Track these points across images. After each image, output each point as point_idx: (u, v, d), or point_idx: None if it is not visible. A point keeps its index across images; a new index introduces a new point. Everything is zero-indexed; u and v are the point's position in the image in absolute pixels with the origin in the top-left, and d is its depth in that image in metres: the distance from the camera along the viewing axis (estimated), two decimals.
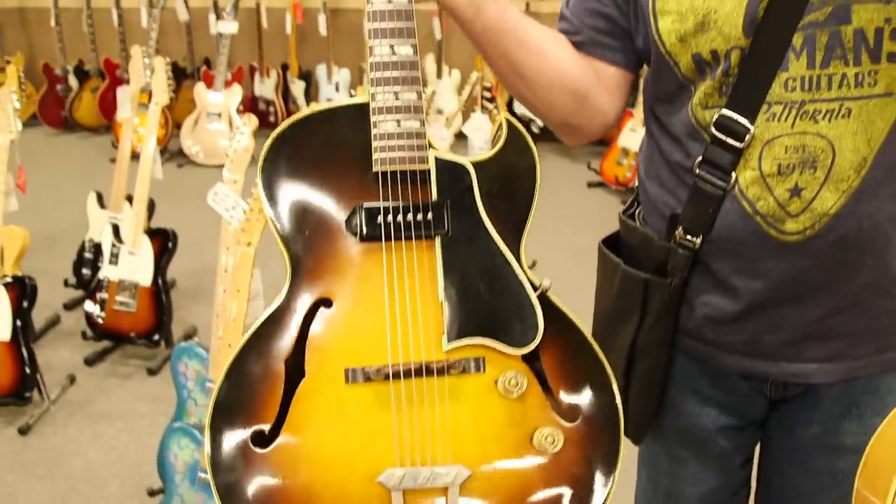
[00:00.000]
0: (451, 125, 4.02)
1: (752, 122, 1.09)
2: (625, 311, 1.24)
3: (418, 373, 1.06)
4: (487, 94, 5.30)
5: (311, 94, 6.10)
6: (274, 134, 1.11)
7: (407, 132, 1.07)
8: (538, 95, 1.23)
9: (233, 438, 1.06)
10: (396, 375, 1.06)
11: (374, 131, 1.07)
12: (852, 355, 1.20)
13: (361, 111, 1.08)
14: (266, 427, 1.06)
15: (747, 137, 1.10)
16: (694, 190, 1.15)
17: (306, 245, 1.09)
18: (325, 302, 1.08)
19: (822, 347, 1.19)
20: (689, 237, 1.17)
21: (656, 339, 1.23)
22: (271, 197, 1.10)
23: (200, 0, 6.17)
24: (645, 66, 1.24)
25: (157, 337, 3.21)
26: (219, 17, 5.86)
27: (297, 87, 6.07)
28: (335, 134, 1.11)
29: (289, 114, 6.06)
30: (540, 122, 1.42)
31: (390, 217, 1.07)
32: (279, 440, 1.06)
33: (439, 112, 5.42)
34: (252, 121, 2.33)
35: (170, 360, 2.43)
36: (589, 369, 1.11)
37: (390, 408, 1.06)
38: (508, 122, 1.14)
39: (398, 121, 1.07)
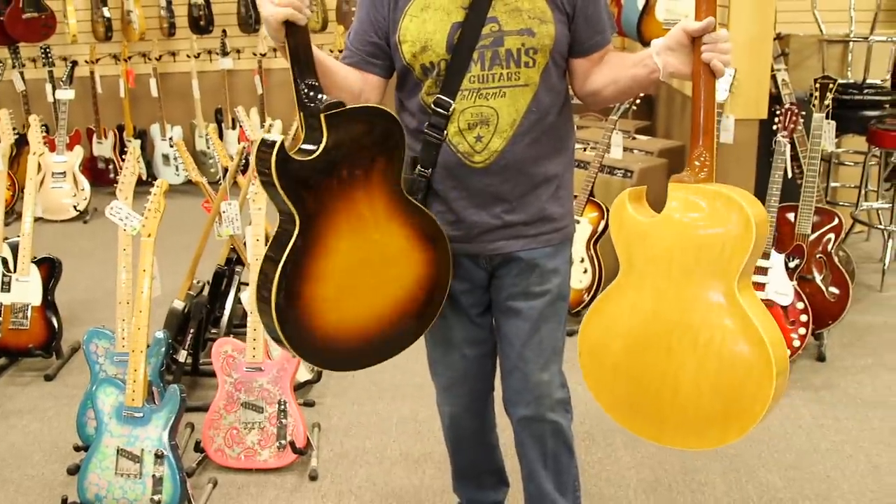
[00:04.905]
0: None
1: (453, 100, 1.96)
2: None
3: None
4: None
5: (146, 151, 6.70)
6: None
7: None
8: (340, 96, 1.97)
9: None
10: None
11: None
12: (524, 235, 2.09)
13: None
14: None
15: (451, 109, 1.97)
16: (425, 142, 2.02)
17: None
18: None
19: (506, 232, 2.08)
20: (423, 170, 2.03)
21: None
22: None
23: (36, 72, 6.70)
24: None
25: (50, 348, 3.79)
26: (55, 86, 6.40)
27: (131, 147, 6.64)
28: None
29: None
30: None
31: None
32: None
33: None
34: (136, 150, 3.03)
35: (82, 343, 3.05)
36: None
37: None
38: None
39: None
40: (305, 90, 1.83)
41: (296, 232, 1.83)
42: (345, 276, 1.91)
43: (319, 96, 1.84)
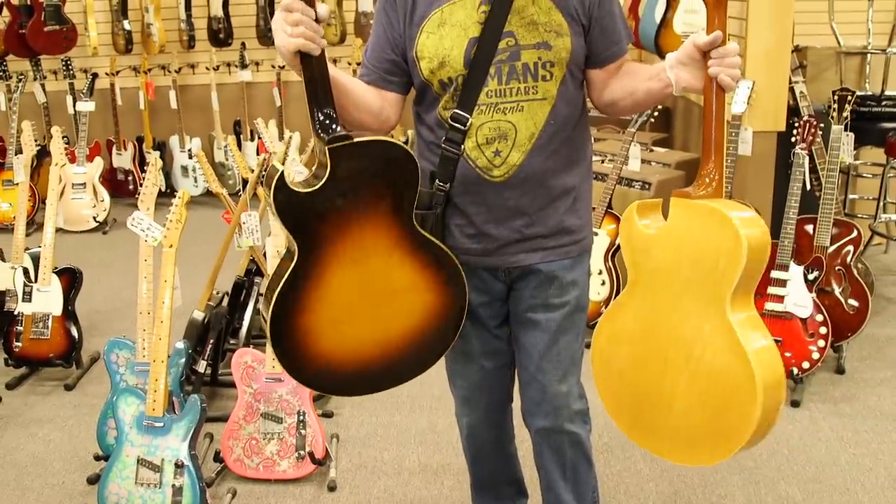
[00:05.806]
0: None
1: (471, 115, 1.96)
2: None
3: None
4: None
5: (165, 163, 6.75)
6: None
7: None
8: (355, 118, 2.00)
9: None
10: None
11: None
12: (543, 247, 2.09)
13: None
14: None
15: (468, 124, 1.97)
16: (442, 157, 2.01)
17: None
18: None
19: (526, 244, 2.08)
20: (441, 184, 2.02)
21: None
22: None
23: (57, 84, 6.77)
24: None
25: (71, 358, 3.82)
26: (76, 98, 6.46)
27: (152, 158, 6.69)
28: None
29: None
30: None
31: None
32: None
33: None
34: (158, 161, 3.05)
35: (103, 353, 3.08)
36: None
37: None
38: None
39: None
40: (321, 118, 1.81)
41: (295, 258, 1.84)
42: (344, 305, 1.90)
43: (333, 126, 1.81)
